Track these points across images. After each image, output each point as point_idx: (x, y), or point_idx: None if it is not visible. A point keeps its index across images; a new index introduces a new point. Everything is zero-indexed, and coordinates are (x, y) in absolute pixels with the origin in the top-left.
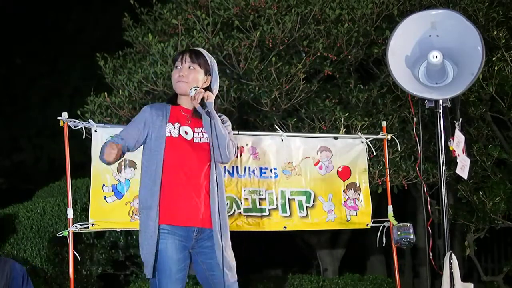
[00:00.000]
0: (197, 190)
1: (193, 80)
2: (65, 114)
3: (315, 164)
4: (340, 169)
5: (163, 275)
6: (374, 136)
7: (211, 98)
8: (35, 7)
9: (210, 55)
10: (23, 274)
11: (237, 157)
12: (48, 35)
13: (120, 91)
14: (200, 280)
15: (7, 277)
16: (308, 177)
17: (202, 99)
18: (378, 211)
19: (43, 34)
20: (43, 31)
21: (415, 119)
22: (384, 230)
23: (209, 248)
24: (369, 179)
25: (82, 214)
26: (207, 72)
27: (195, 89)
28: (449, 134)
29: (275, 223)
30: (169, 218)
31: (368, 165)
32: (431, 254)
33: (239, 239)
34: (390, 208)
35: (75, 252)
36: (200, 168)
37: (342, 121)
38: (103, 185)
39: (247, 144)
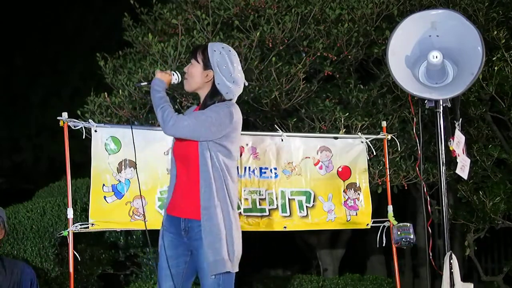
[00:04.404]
0: (187, 179)
1: (190, 75)
2: (65, 114)
3: (315, 164)
4: (340, 169)
5: (158, 269)
6: (374, 136)
7: (157, 74)
8: (35, 7)
9: (218, 48)
10: (31, 278)
11: None
12: (48, 35)
13: (120, 91)
14: None
15: (16, 279)
16: (308, 177)
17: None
18: (378, 211)
19: (43, 34)
20: (43, 31)
21: (415, 119)
22: (384, 230)
23: (196, 249)
24: (369, 179)
25: (82, 214)
26: (207, 66)
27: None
28: (449, 134)
29: (275, 223)
30: (168, 208)
31: (368, 165)
32: (431, 254)
33: None
34: (390, 208)
35: (75, 252)
36: (192, 158)
37: (342, 121)
38: (103, 185)
39: (247, 144)
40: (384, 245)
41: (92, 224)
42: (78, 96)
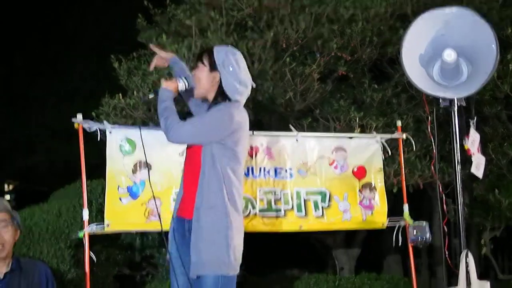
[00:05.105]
0: (192, 182)
1: (197, 79)
2: (79, 116)
3: (330, 164)
4: (355, 169)
5: (170, 269)
6: (389, 136)
7: (162, 83)
8: (51, 9)
9: (223, 50)
10: (47, 276)
11: (251, 157)
12: (64, 38)
13: (135, 92)
14: None
15: (33, 279)
16: (323, 177)
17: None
18: (394, 211)
19: (59, 37)
20: (59, 33)
21: (430, 118)
22: (400, 230)
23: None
24: (384, 178)
25: (98, 215)
26: (213, 68)
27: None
28: (464, 133)
29: (290, 223)
30: (177, 211)
31: (384, 164)
32: (447, 253)
33: (255, 239)
34: (405, 207)
35: (91, 253)
36: (195, 161)
37: (357, 121)
38: (118, 186)
39: (262, 145)
40: (400, 244)
41: (108, 225)
42: (93, 98)
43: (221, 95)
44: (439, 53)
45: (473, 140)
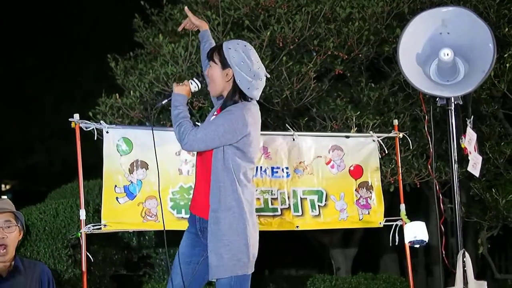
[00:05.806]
0: (204, 180)
1: (211, 78)
2: (76, 116)
3: (327, 163)
4: (352, 168)
5: (173, 266)
6: (385, 135)
7: (174, 89)
8: (48, 10)
9: (233, 45)
10: (49, 277)
11: None
12: (62, 38)
13: (132, 92)
14: None
15: (35, 279)
16: (320, 176)
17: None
18: (391, 210)
19: (58, 37)
20: (58, 34)
21: (426, 117)
22: (397, 229)
23: (206, 251)
24: (381, 177)
25: (95, 215)
26: (225, 65)
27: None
28: (461, 131)
29: (287, 223)
30: (189, 206)
31: (380, 163)
32: (444, 253)
33: None
34: (402, 206)
35: (88, 253)
36: (207, 159)
37: (354, 120)
38: (115, 186)
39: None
40: (397, 244)
41: (105, 225)
42: (91, 98)
43: (235, 91)
44: (436, 52)
45: (470, 139)
